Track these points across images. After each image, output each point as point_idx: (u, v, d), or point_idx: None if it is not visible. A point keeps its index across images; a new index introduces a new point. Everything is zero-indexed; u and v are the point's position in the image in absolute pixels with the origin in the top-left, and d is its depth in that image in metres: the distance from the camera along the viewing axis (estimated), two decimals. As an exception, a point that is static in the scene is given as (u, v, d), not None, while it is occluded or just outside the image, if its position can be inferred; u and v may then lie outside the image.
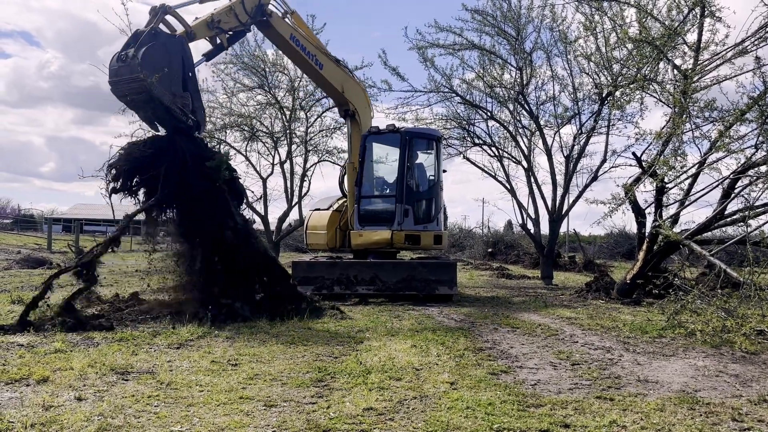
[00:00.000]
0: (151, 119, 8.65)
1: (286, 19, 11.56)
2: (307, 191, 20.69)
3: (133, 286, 11.84)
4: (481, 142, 18.64)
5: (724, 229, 11.91)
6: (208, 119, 19.44)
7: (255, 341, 6.79)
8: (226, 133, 19.72)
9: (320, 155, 20.65)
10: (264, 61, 18.89)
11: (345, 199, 13.21)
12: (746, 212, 9.94)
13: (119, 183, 8.52)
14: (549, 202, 17.70)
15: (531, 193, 17.95)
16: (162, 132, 8.82)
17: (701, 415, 4.38)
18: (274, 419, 4.09)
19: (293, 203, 20.07)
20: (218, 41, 9.87)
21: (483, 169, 19.10)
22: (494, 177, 19.02)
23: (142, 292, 9.92)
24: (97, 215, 73.09)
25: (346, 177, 13.18)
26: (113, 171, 8.46)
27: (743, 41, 9.70)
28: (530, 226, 18.55)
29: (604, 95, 15.53)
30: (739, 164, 10.03)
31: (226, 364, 5.63)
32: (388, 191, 12.86)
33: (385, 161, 13.50)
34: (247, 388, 4.83)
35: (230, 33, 10.14)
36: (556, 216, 17.68)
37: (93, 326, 7.24)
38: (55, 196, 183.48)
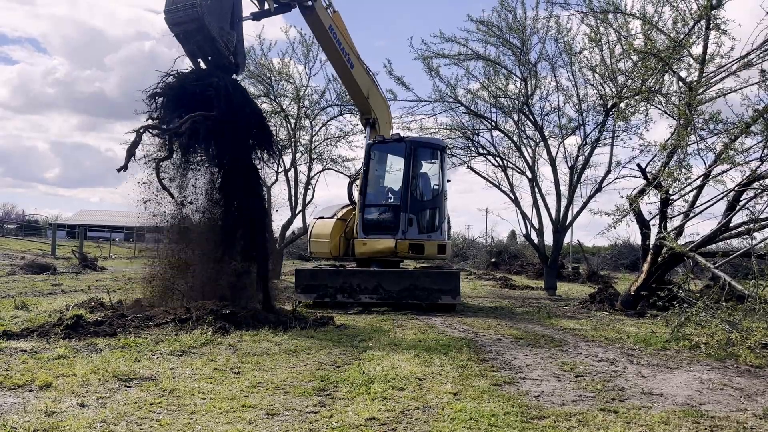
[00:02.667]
0: (195, 53, 8.98)
1: (328, 11, 11.92)
2: (311, 199, 20.71)
3: (137, 293, 11.84)
4: (485, 152, 18.69)
5: (728, 241, 11.87)
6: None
7: (258, 349, 6.79)
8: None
9: (324, 164, 20.71)
10: (270, 69, 18.99)
11: (350, 207, 13.22)
12: (751, 225, 9.92)
13: (159, 113, 8.72)
14: (553, 213, 17.70)
15: (535, 203, 17.96)
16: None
17: (706, 428, 4.35)
18: (277, 428, 4.08)
19: (297, 211, 20.09)
20: (266, 6, 10.43)
21: (487, 179, 19.14)
22: (498, 187, 19.06)
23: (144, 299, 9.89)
24: (102, 221, 73.35)
25: (355, 186, 13.22)
26: (156, 100, 8.65)
27: (748, 54, 9.72)
28: (534, 236, 18.55)
29: (608, 106, 15.56)
30: (744, 177, 10.03)
31: (229, 371, 5.62)
32: (392, 200, 12.87)
33: (390, 170, 13.53)
34: (249, 396, 4.82)
35: (276, 4, 10.64)
36: (560, 226, 17.66)
37: (96, 332, 7.23)
38: (59, 201, 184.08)
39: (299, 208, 20.02)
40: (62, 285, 14.79)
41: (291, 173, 20.14)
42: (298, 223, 20.69)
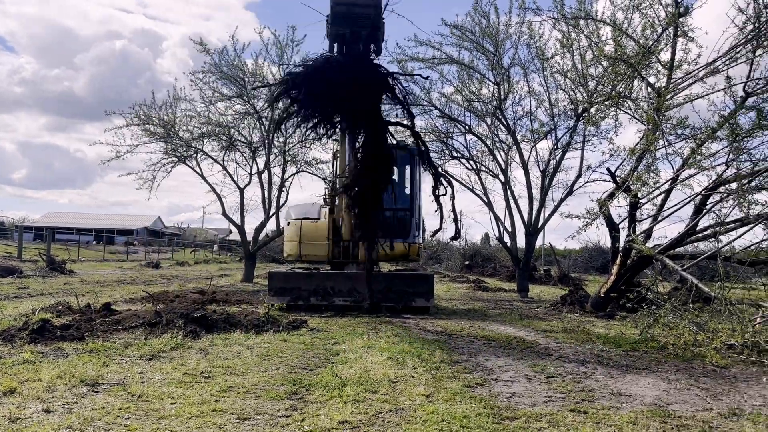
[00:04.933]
0: (340, 36, 9.17)
1: None
2: (285, 202, 20.64)
3: (105, 297, 11.64)
4: (459, 155, 18.82)
5: (696, 244, 12.14)
6: (185, 127, 19.35)
7: (229, 353, 6.72)
8: (203, 142, 19.58)
9: (299, 166, 20.63)
10: (243, 70, 18.84)
11: (329, 208, 13.07)
12: (717, 228, 10.16)
13: (292, 93, 8.97)
14: (525, 216, 17.90)
15: (508, 206, 18.15)
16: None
17: (673, 428, 4.43)
18: (248, 432, 4.04)
19: (270, 214, 19.98)
20: None
21: (461, 182, 19.26)
22: (472, 190, 19.22)
23: (114, 303, 9.74)
24: (70, 223, 71.96)
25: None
26: (288, 82, 8.99)
27: (715, 61, 9.97)
28: (507, 239, 18.73)
29: (579, 111, 15.79)
30: (711, 181, 10.26)
31: (199, 376, 5.56)
32: (400, 204, 12.91)
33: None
34: (220, 400, 4.76)
35: None
36: (532, 229, 17.86)
37: (63, 337, 7.08)
38: (27, 203, 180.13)
39: (273, 210, 19.91)
40: (29, 288, 14.46)
41: (265, 175, 20.03)
42: (271, 225, 20.61)
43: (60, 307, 9.30)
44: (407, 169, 13.21)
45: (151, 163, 19.38)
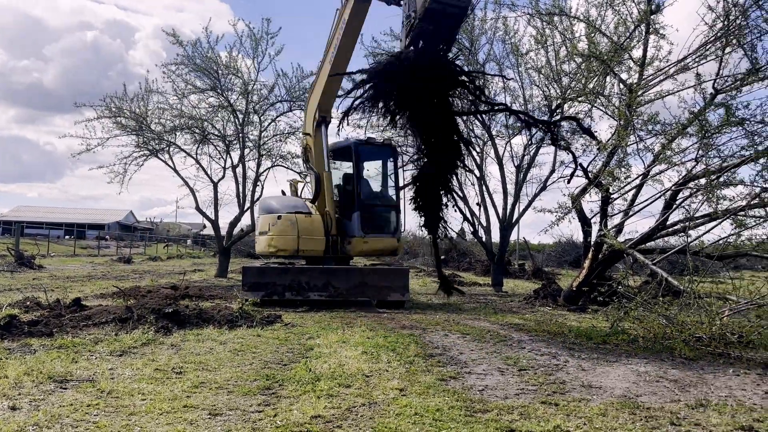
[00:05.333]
0: (425, 35, 9.30)
1: None
2: (260, 196, 20.44)
3: (75, 292, 11.44)
4: (434, 150, 18.80)
5: (666, 238, 12.35)
6: (157, 120, 19.05)
7: (201, 348, 6.65)
8: (176, 135, 19.29)
9: (274, 160, 20.45)
10: (217, 63, 18.60)
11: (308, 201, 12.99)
12: (687, 223, 10.34)
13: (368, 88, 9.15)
14: (500, 211, 18.02)
15: (483, 201, 18.24)
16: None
17: (642, 419, 4.50)
18: (219, 428, 4.01)
19: (245, 208, 19.78)
20: None
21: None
22: (447, 185, 19.21)
23: (84, 298, 9.57)
24: (40, 218, 70.51)
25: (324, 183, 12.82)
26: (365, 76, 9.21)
27: (685, 58, 10.12)
28: (482, 233, 18.83)
29: (553, 107, 15.93)
30: (681, 176, 10.43)
31: (171, 372, 5.49)
32: (386, 201, 12.92)
33: (369, 171, 13.68)
34: (191, 396, 4.72)
35: None
36: (507, 224, 18.01)
37: (31, 333, 6.94)
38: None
39: (247, 204, 19.72)
40: (-5, 284, 14.13)
41: (239, 169, 19.82)
42: (246, 220, 20.41)
43: (28, 303, 9.12)
44: (390, 164, 13.20)
45: (122, 157, 19.04)
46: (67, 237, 55.86)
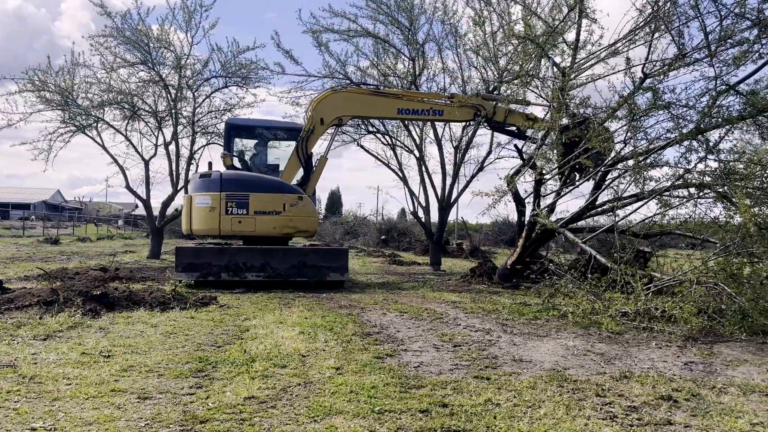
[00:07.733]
0: None
1: None
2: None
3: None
4: (374, 130, 18.80)
5: (596, 218, 12.81)
6: (84, 95, 18.14)
7: (131, 331, 6.45)
8: (104, 110, 18.44)
9: (209, 138, 19.90)
10: (148, 35, 17.84)
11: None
12: (615, 203, 10.75)
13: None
14: (439, 191, 18.22)
15: (422, 181, 18.44)
16: None
17: (569, 391, 4.67)
18: (148, 412, 3.90)
19: (179, 187, 19.20)
20: None
21: (377, 157, 19.32)
22: (387, 165, 19.31)
23: (6, 280, 9.10)
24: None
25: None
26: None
27: (616, 42, 10.43)
28: (421, 214, 19.04)
29: (490, 89, 16.13)
30: (610, 158, 10.80)
31: (98, 355, 5.30)
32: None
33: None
34: (119, 380, 4.57)
35: None
36: (445, 204, 18.25)
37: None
38: None
39: (181, 183, 19.14)
40: None
41: (172, 147, 19.19)
42: (179, 200, 19.81)
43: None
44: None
45: (47, 133, 18.08)
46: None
